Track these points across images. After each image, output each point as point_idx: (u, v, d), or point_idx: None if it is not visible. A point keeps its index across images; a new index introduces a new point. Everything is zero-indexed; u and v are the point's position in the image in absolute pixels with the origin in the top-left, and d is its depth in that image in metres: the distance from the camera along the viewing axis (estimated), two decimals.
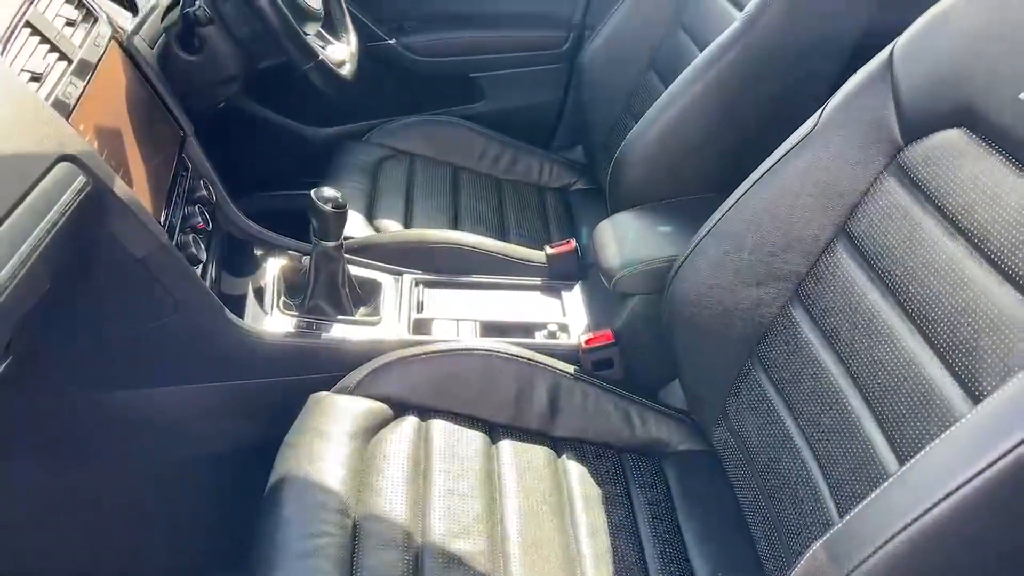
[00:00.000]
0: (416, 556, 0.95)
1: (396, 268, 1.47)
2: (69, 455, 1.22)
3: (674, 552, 1.03)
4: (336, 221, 1.22)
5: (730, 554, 1.02)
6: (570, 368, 1.22)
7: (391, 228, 1.62)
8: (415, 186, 1.76)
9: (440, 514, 1.00)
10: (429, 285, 1.45)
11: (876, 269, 0.86)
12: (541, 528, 1.02)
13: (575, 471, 1.13)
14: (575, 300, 1.47)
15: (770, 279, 0.99)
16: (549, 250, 1.53)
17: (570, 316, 1.43)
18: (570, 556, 1.01)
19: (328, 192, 1.21)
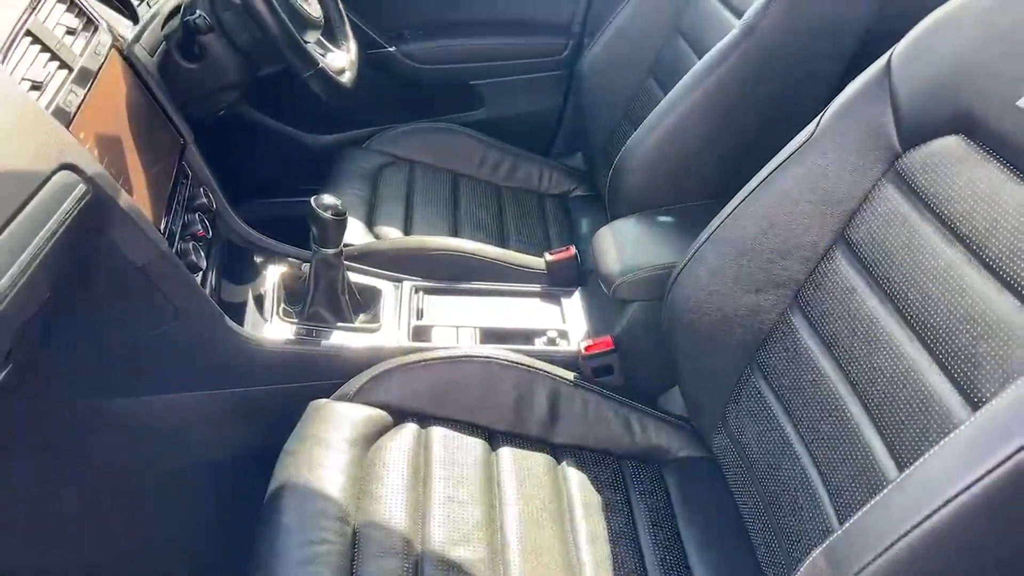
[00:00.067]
0: (416, 564, 0.95)
1: (396, 275, 1.47)
2: (69, 462, 1.22)
3: (674, 559, 1.03)
4: (336, 228, 1.23)
5: (730, 561, 1.02)
6: (570, 375, 1.22)
7: (391, 235, 1.62)
8: (415, 193, 1.77)
9: (440, 521, 1.00)
10: (429, 292, 1.46)
11: (875, 276, 0.86)
12: (541, 535, 1.02)
13: (575, 478, 1.13)
14: (575, 307, 1.47)
15: (769, 286, 0.99)
16: (549, 257, 1.53)
17: (570, 323, 1.43)
18: (570, 563, 1.01)
19: (328, 199, 1.21)
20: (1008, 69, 0.78)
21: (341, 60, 1.52)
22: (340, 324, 1.32)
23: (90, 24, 1.14)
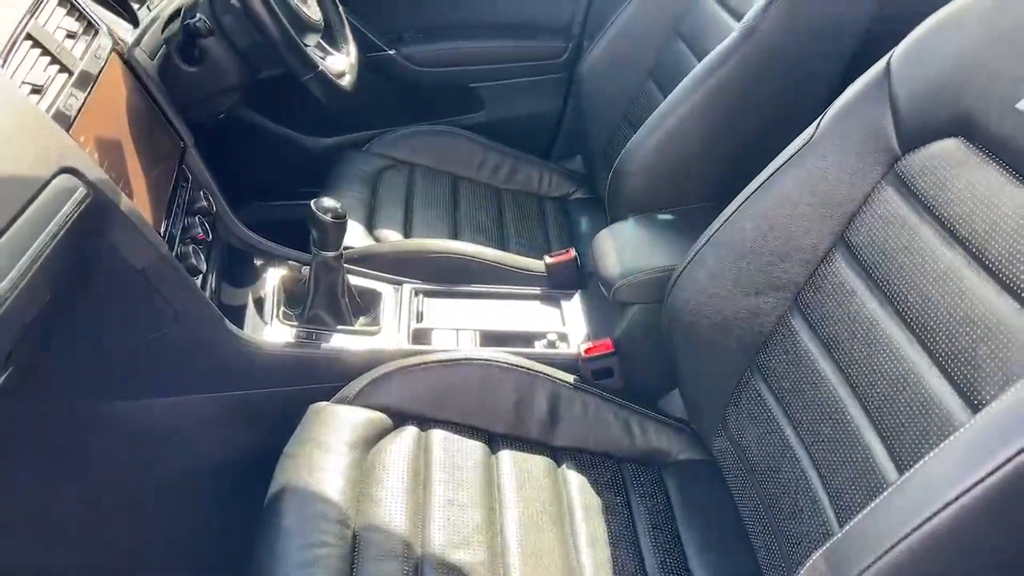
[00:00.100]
0: (416, 567, 0.95)
1: (396, 278, 1.47)
2: (69, 465, 1.22)
3: (674, 562, 1.03)
4: (336, 231, 1.23)
5: (730, 564, 1.02)
6: (570, 377, 1.22)
7: (391, 238, 1.62)
8: (415, 196, 1.77)
9: (440, 524, 1.00)
10: (429, 295, 1.46)
11: (875, 278, 0.86)
12: (541, 538, 1.02)
13: (575, 481, 1.13)
14: (574, 309, 1.47)
15: (769, 288, 0.99)
16: (548, 259, 1.53)
17: (569, 325, 1.43)
18: (570, 566, 1.01)
19: (328, 202, 1.21)
20: (1008, 71, 0.78)
21: (341, 63, 1.52)
22: (340, 327, 1.32)
23: (90, 28, 1.14)
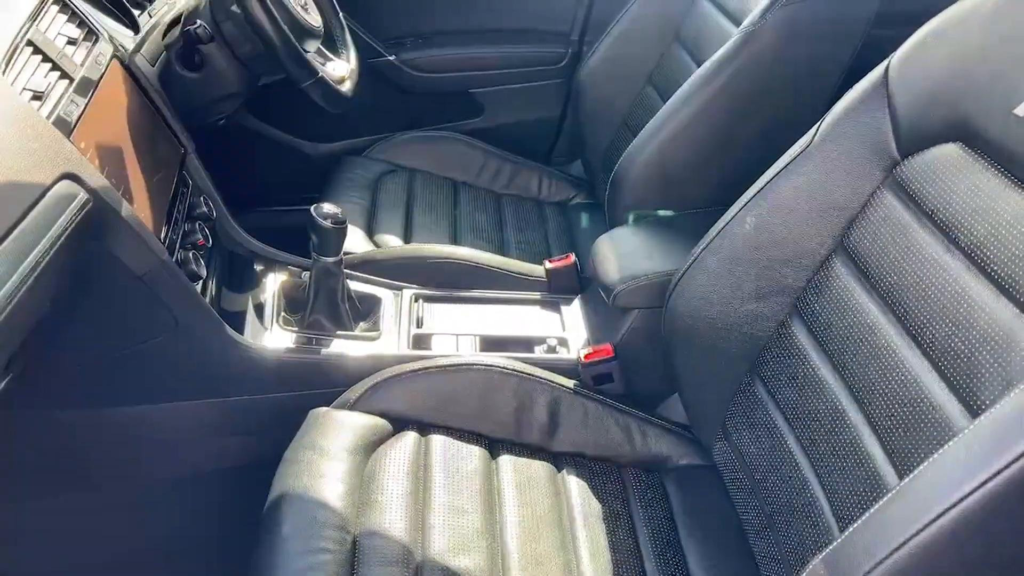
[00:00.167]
0: (416, 572, 0.95)
1: (396, 283, 1.47)
2: (69, 471, 1.22)
3: (675, 568, 1.03)
4: (336, 236, 1.23)
5: (731, 569, 1.02)
6: (570, 383, 1.22)
7: (391, 243, 1.62)
8: (415, 201, 1.77)
9: (440, 530, 1.00)
10: (429, 300, 1.46)
11: (874, 283, 0.86)
12: (541, 544, 1.02)
13: (575, 486, 1.13)
14: (574, 314, 1.47)
15: (768, 293, 0.99)
16: (548, 264, 1.53)
17: (569, 330, 1.43)
18: (570, 572, 1.00)
19: (328, 208, 1.21)
20: (1006, 76, 0.78)
21: (341, 69, 1.53)
22: (340, 332, 1.32)
23: (91, 34, 1.15)
